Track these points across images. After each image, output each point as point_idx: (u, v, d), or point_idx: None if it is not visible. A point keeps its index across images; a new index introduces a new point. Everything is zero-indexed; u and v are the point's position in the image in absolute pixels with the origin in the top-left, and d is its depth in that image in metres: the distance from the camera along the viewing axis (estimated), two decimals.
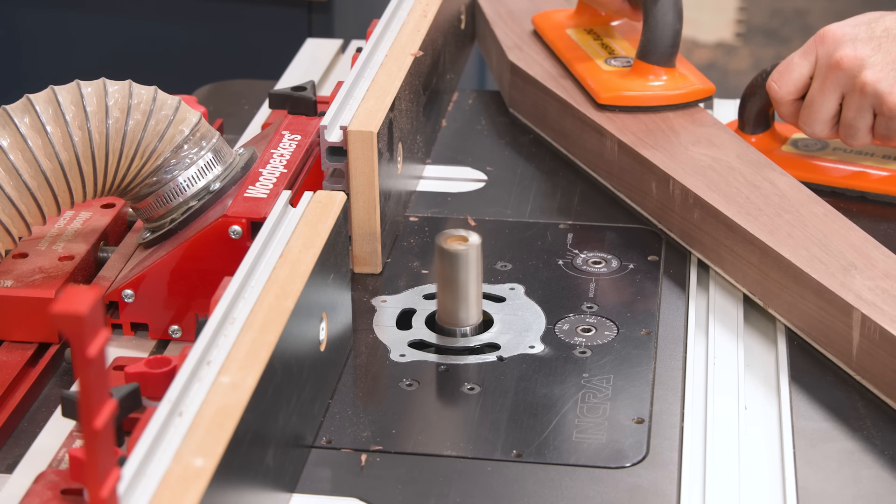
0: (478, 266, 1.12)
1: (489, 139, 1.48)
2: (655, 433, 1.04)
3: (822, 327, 1.13)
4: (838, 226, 1.20)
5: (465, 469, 1.00)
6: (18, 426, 1.06)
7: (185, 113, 1.14)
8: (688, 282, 1.23)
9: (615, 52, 1.46)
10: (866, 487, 1.00)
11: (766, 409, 1.08)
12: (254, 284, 0.99)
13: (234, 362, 0.91)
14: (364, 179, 1.20)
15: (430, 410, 1.08)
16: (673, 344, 1.14)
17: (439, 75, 1.46)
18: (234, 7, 2.10)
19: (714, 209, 1.22)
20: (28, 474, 0.98)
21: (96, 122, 1.10)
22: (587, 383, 1.09)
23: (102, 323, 0.73)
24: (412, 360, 1.12)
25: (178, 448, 0.84)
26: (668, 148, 1.32)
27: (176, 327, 1.14)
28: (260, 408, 0.90)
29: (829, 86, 1.29)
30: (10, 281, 1.13)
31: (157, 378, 0.97)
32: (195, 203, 1.14)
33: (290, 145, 1.21)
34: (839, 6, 3.79)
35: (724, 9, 3.77)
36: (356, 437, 1.03)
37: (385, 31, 1.37)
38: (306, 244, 1.04)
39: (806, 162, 1.37)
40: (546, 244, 1.28)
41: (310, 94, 1.27)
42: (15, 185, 1.08)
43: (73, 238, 1.19)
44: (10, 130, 1.08)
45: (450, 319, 1.14)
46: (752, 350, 1.15)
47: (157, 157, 1.12)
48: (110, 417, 0.75)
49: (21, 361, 1.10)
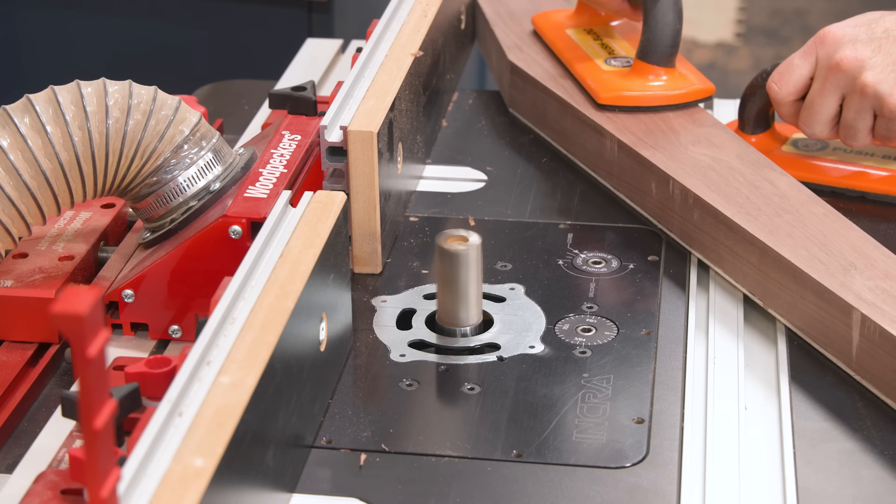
0: (478, 266, 1.12)
1: (489, 139, 1.48)
2: (655, 433, 1.04)
3: (821, 327, 1.13)
4: (838, 226, 1.20)
5: (465, 469, 1.00)
6: (18, 426, 1.06)
7: (185, 113, 1.14)
8: (688, 282, 1.23)
9: (615, 52, 1.46)
10: (866, 487, 1.00)
11: (766, 409, 1.08)
12: (254, 284, 0.99)
13: (234, 362, 0.91)
14: (364, 179, 1.20)
15: (430, 410, 1.08)
16: (673, 344, 1.14)
17: (439, 75, 1.46)
18: (234, 7, 2.10)
19: (714, 209, 1.22)
20: (28, 474, 0.98)
21: (96, 122, 1.10)
22: (587, 383, 1.09)
23: (102, 323, 0.73)
24: (412, 360, 1.12)
25: (178, 448, 0.84)
26: (668, 148, 1.32)
27: (176, 327, 1.14)
28: (260, 408, 0.90)
29: (829, 87, 1.29)
30: (10, 281, 1.13)
31: (157, 378, 0.97)
32: (195, 203, 1.14)
33: (290, 145, 1.21)
34: (839, 6, 3.79)
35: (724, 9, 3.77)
36: (356, 437, 1.03)
37: (385, 31, 1.37)
38: (306, 244, 1.04)
39: (806, 162, 1.37)
40: (546, 244, 1.28)
41: (310, 94, 1.27)
42: (15, 185, 1.08)
43: (73, 238, 1.19)
44: (10, 130, 1.08)
45: (450, 319, 1.14)
46: (752, 350, 1.15)
47: (157, 157, 1.12)
48: (110, 417, 0.75)
49: (21, 361, 1.10)
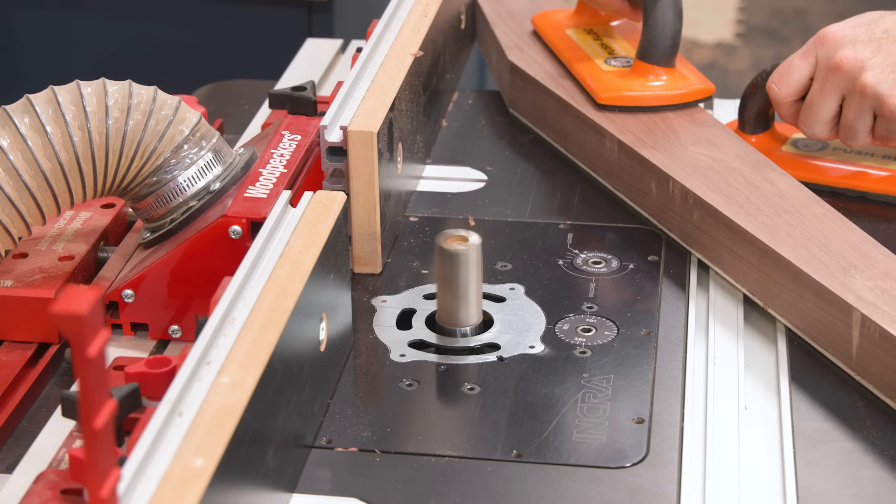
0: (478, 266, 1.12)
1: (489, 139, 1.48)
2: (655, 433, 1.04)
3: (822, 327, 1.13)
4: (838, 226, 1.20)
5: (465, 469, 1.00)
6: (18, 426, 1.06)
7: (185, 113, 1.14)
8: (688, 282, 1.23)
9: (615, 52, 1.46)
10: (866, 487, 1.00)
11: (766, 409, 1.08)
12: (254, 284, 0.99)
13: (234, 362, 0.91)
14: (364, 179, 1.20)
15: (430, 410, 1.08)
16: (673, 344, 1.14)
17: (439, 75, 1.46)
18: (234, 7, 2.10)
19: (714, 209, 1.22)
20: (28, 474, 0.98)
21: (96, 123, 1.10)
22: (587, 383, 1.09)
23: (102, 323, 0.73)
24: (412, 360, 1.12)
25: (178, 448, 0.84)
26: (668, 148, 1.32)
27: (176, 327, 1.14)
28: (260, 408, 0.90)
29: (829, 87, 1.29)
30: (10, 281, 1.13)
31: (157, 378, 0.97)
32: (195, 203, 1.14)
33: (290, 145, 1.21)
34: (839, 6, 3.79)
35: (724, 9, 3.77)
36: (356, 437, 1.03)
37: (385, 31, 1.37)
38: (306, 244, 1.04)
39: (806, 162, 1.37)
40: (546, 244, 1.28)
41: (310, 94, 1.27)
42: (15, 186, 1.08)
43: (73, 238, 1.19)
44: (9, 131, 1.08)
45: (450, 319, 1.14)
46: (752, 350, 1.15)
47: (157, 157, 1.12)
48: (110, 417, 0.75)
49: (21, 361, 1.10)
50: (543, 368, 1.11)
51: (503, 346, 1.13)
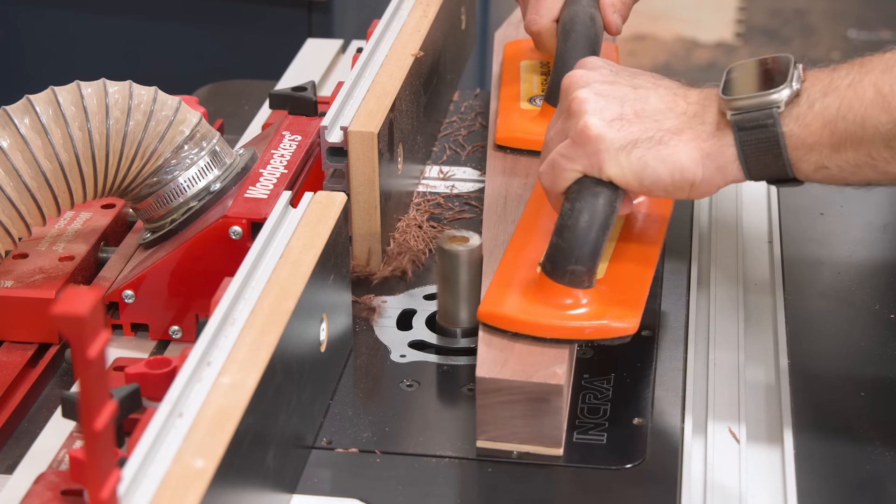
0: (478, 266, 1.12)
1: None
2: (655, 434, 1.04)
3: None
4: None
5: (465, 469, 1.00)
6: (18, 427, 1.06)
7: (186, 113, 1.14)
8: (688, 282, 1.23)
9: None
10: (867, 488, 1.00)
11: (767, 409, 1.08)
12: (254, 285, 0.99)
13: (234, 363, 0.91)
14: (364, 180, 1.20)
15: (430, 411, 1.08)
16: (673, 344, 1.14)
17: (439, 75, 1.46)
18: (234, 7, 2.10)
19: None
20: (28, 475, 0.98)
21: (96, 123, 1.10)
22: (587, 384, 1.09)
23: (102, 324, 0.73)
24: (412, 361, 1.12)
25: (179, 449, 0.84)
26: None
27: (176, 328, 1.14)
28: (260, 409, 0.90)
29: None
30: (10, 281, 1.13)
31: (157, 379, 0.97)
32: (195, 203, 1.14)
33: (291, 146, 1.21)
34: (839, 6, 3.79)
35: (724, 9, 3.77)
36: (356, 437, 1.03)
37: (385, 31, 1.37)
38: (307, 245, 1.04)
39: None
40: None
41: (310, 95, 1.27)
42: (15, 186, 1.08)
43: (74, 238, 1.19)
44: (10, 131, 1.08)
45: (450, 320, 1.14)
46: (753, 350, 1.15)
47: (157, 157, 1.12)
48: (110, 418, 0.76)
49: (21, 362, 1.10)
50: None
51: None
